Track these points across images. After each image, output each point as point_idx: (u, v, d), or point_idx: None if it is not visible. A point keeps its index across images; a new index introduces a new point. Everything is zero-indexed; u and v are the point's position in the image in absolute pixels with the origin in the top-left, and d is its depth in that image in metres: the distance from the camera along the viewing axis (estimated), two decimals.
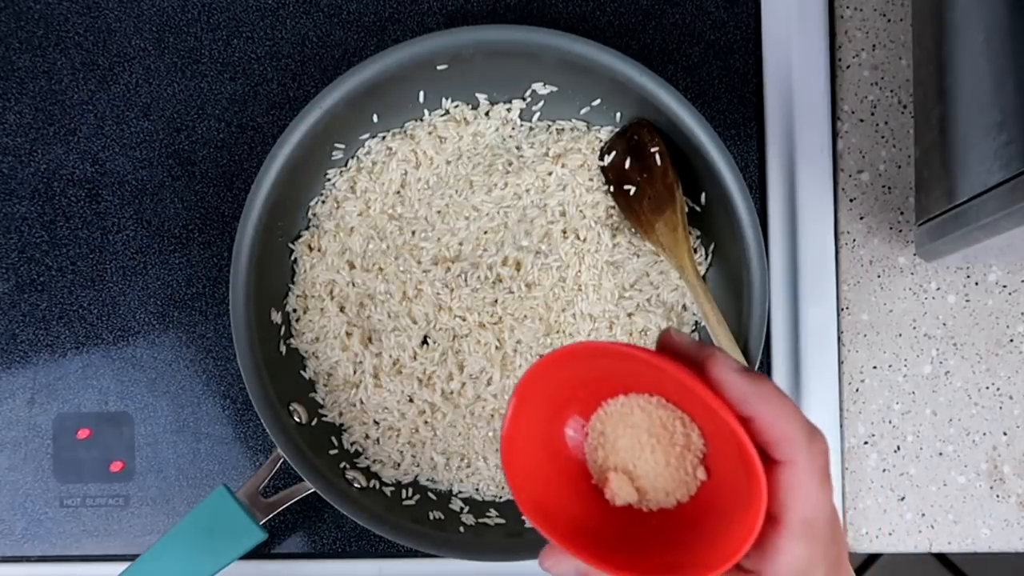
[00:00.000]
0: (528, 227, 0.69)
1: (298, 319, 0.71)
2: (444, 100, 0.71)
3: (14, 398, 0.74)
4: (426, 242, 0.69)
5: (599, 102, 0.70)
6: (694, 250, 0.70)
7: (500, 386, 0.69)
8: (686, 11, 0.74)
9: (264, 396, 0.67)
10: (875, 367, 0.73)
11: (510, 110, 0.71)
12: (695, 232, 0.70)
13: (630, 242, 0.70)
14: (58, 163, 0.75)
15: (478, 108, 0.71)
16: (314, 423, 0.70)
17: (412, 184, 0.71)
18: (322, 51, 0.75)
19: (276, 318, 0.70)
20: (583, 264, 0.69)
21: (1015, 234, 0.54)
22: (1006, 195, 0.53)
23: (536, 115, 0.71)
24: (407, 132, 0.71)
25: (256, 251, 0.68)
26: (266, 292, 0.69)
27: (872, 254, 0.73)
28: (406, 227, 0.70)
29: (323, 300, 0.71)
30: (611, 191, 0.70)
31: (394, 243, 0.70)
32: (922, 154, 0.67)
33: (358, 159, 0.71)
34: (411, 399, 0.70)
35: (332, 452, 0.70)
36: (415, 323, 0.69)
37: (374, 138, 0.71)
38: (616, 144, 0.70)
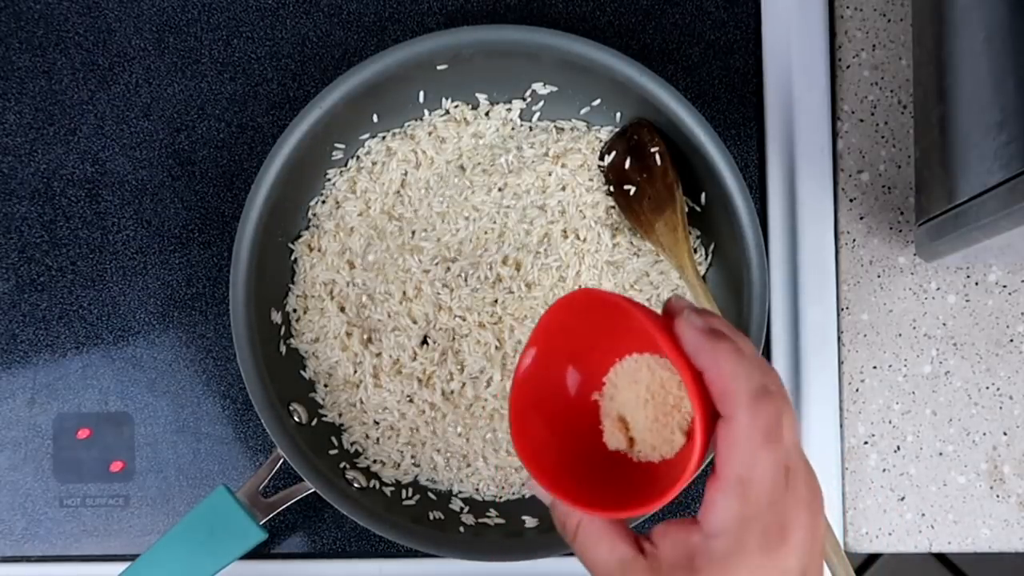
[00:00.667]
0: (528, 227, 0.69)
1: (298, 319, 0.71)
2: (444, 100, 0.71)
3: (14, 398, 0.74)
4: (426, 242, 0.69)
5: (599, 102, 0.70)
6: (694, 250, 0.70)
7: (500, 386, 0.69)
8: (686, 11, 0.74)
9: (264, 396, 0.67)
10: (875, 367, 0.73)
11: (510, 110, 0.71)
12: (695, 232, 0.70)
13: (630, 242, 0.70)
14: (58, 163, 0.75)
15: (478, 108, 0.71)
16: (314, 423, 0.70)
17: (412, 184, 0.71)
18: (322, 51, 0.75)
19: (276, 318, 0.70)
20: (583, 264, 0.69)
21: (1015, 234, 0.54)
22: (1006, 195, 0.53)
23: (536, 115, 0.71)
24: (407, 132, 0.71)
25: (256, 251, 0.67)
26: (266, 292, 0.69)
27: (872, 254, 0.73)
28: (406, 227, 0.70)
29: (323, 300, 0.71)
30: (611, 191, 0.70)
31: (394, 243, 0.70)
32: (922, 154, 0.67)
33: (358, 159, 0.71)
34: (411, 399, 0.70)
35: (332, 452, 0.70)
36: (415, 323, 0.69)
37: (374, 138, 0.71)
38: (616, 144, 0.70)
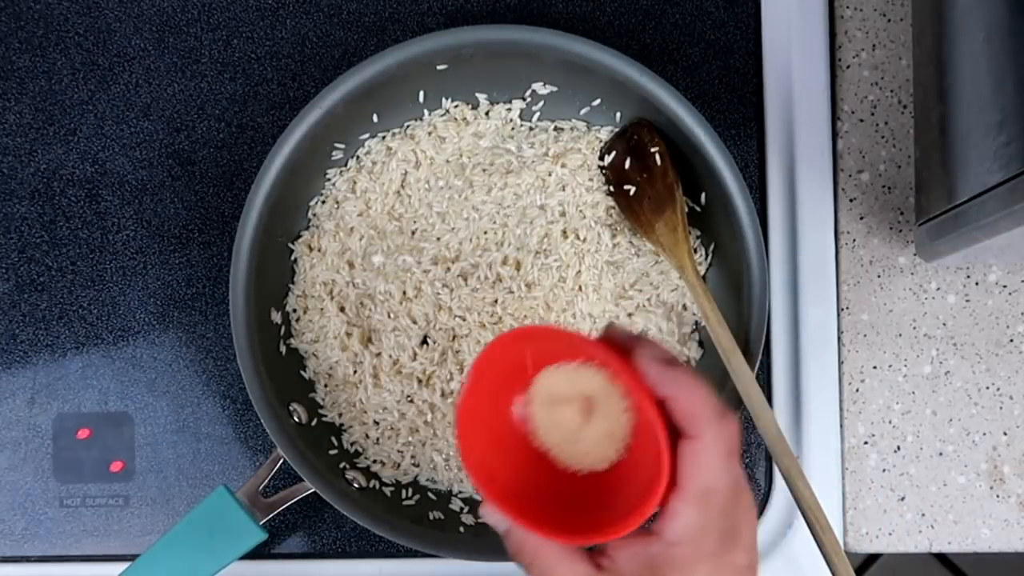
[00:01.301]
0: (528, 227, 0.69)
1: (298, 319, 0.71)
2: (444, 100, 0.71)
3: (14, 398, 0.74)
4: (426, 242, 0.69)
5: (599, 102, 0.70)
6: (694, 250, 0.70)
7: None
8: (686, 11, 0.74)
9: (264, 396, 0.67)
10: (875, 367, 0.73)
11: (510, 110, 0.71)
12: (695, 232, 0.70)
13: (630, 242, 0.70)
14: (58, 163, 0.75)
15: (478, 108, 0.71)
16: (314, 423, 0.70)
17: (412, 184, 0.71)
18: (322, 51, 0.75)
19: (276, 318, 0.70)
20: (583, 264, 0.69)
21: (1015, 234, 0.54)
22: (1006, 195, 0.53)
23: (536, 115, 0.71)
24: (407, 132, 0.71)
25: (256, 251, 0.67)
26: (266, 292, 0.69)
27: (872, 254, 0.73)
28: (406, 227, 0.70)
29: (323, 300, 0.71)
30: (611, 191, 0.70)
31: (394, 243, 0.70)
32: (922, 154, 0.67)
33: (358, 159, 0.71)
34: (411, 399, 0.70)
35: (332, 452, 0.70)
36: (415, 323, 0.69)
37: (374, 138, 0.71)
38: (616, 144, 0.70)
